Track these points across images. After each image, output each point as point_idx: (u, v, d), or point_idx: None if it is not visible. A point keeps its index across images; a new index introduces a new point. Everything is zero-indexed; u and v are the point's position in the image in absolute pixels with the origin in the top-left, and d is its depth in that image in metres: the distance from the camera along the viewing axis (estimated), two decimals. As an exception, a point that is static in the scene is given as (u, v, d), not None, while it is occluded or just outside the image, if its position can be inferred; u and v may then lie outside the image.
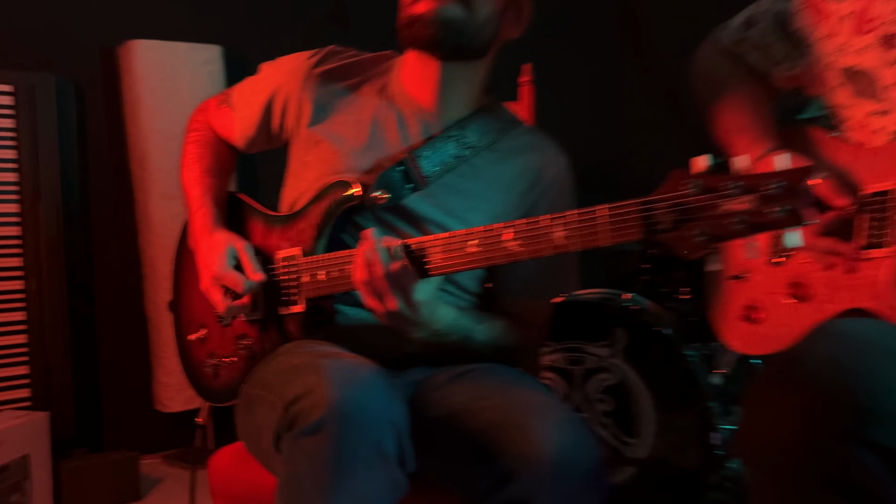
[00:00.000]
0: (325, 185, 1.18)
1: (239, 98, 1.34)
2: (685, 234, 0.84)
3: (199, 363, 1.31)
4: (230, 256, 1.19)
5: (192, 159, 1.34)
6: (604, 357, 1.91)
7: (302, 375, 0.96)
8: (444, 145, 1.18)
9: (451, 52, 1.16)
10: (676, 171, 0.87)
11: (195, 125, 1.39)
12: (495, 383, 1.11)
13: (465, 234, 1.01)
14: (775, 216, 0.79)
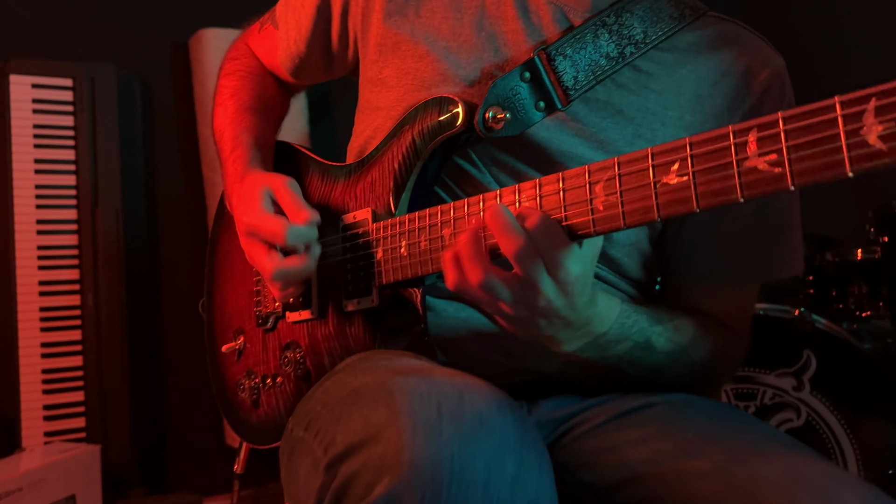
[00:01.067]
0: (409, 107, 0.76)
1: (283, 9, 0.96)
2: None
3: (235, 385, 0.92)
4: (267, 199, 0.80)
5: (226, 95, 0.97)
6: (786, 390, 1.41)
7: (363, 405, 0.54)
8: (593, 40, 0.74)
9: None
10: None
11: (233, 53, 1.03)
12: (707, 430, 0.67)
13: (661, 150, 0.57)
14: None
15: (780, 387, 1.42)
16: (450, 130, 0.73)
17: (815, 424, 1.39)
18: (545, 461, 0.53)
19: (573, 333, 0.67)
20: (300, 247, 0.76)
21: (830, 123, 0.48)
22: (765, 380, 1.43)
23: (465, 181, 0.78)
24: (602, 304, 0.68)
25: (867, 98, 0.46)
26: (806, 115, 0.49)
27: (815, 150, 0.48)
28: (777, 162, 0.50)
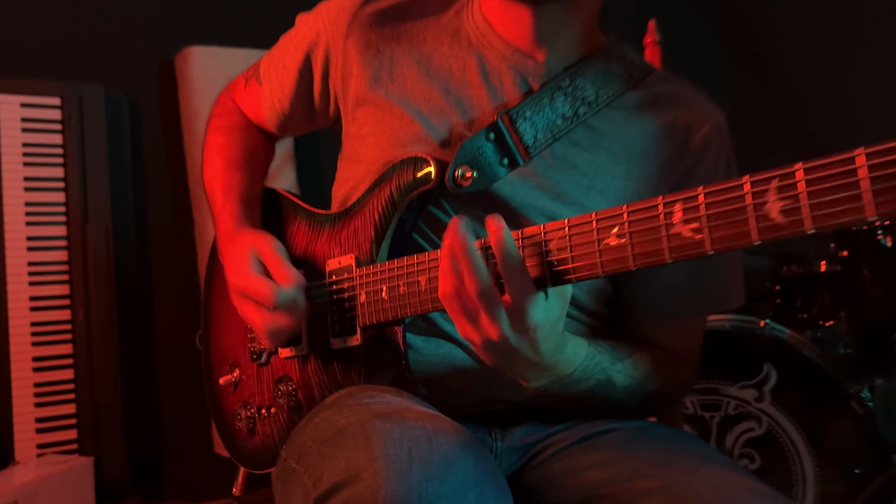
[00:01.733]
0: (386, 165, 0.84)
1: (268, 66, 1.03)
2: None
3: (231, 414, 0.99)
4: (255, 261, 0.86)
5: (214, 151, 1.03)
6: (748, 401, 1.50)
7: (345, 448, 0.62)
8: (550, 102, 0.82)
9: (554, 21, 0.84)
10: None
11: (219, 108, 1.09)
12: (655, 453, 0.75)
13: (603, 216, 0.65)
14: None
15: (742, 398, 1.51)
16: (423, 186, 0.81)
17: (775, 433, 1.48)
18: (503, 493, 0.61)
19: (538, 373, 0.75)
20: (286, 307, 0.84)
21: (741, 199, 0.56)
22: (728, 391, 1.52)
23: (440, 229, 0.85)
24: (570, 351, 0.76)
25: (770, 179, 0.55)
26: (722, 190, 0.58)
27: (729, 220, 0.57)
28: (698, 229, 0.58)
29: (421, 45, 0.89)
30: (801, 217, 0.52)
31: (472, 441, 0.63)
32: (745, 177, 0.56)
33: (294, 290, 0.83)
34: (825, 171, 0.52)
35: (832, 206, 0.51)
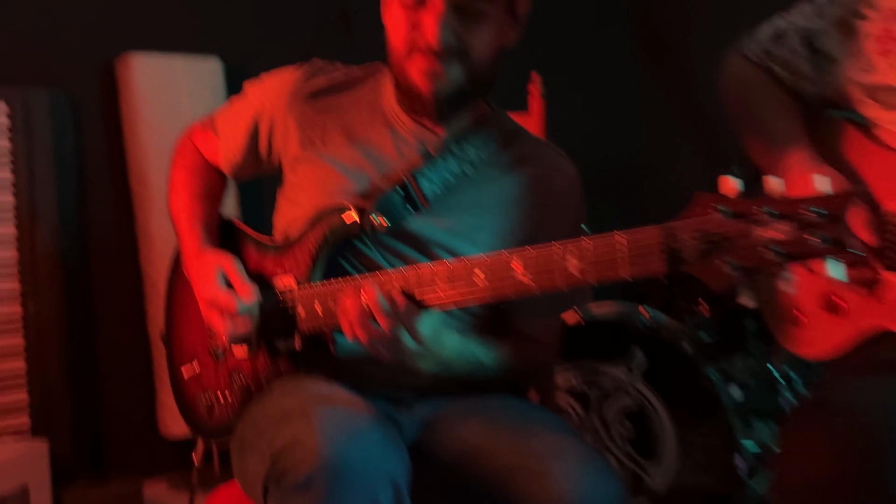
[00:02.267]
0: (320, 210, 1.10)
1: (223, 123, 1.27)
2: (714, 266, 0.76)
3: (193, 399, 1.23)
4: (220, 277, 1.12)
5: (179, 186, 1.27)
6: (621, 378, 1.82)
7: (291, 423, 0.88)
8: (444, 163, 1.10)
9: (449, 116, 1.11)
10: (703, 194, 0.79)
11: (181, 150, 1.32)
12: (512, 421, 1.03)
13: (471, 262, 0.93)
14: (816, 246, 0.71)
15: (617, 376, 1.83)
16: (348, 229, 1.08)
17: (644, 406, 1.81)
18: (401, 454, 0.90)
19: (427, 362, 1.03)
20: (244, 316, 1.09)
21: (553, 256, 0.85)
22: (606, 370, 1.84)
23: (362, 257, 1.12)
24: (447, 341, 1.04)
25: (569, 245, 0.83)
26: (542, 248, 0.86)
27: (549, 269, 0.86)
28: (524, 274, 0.87)
29: (346, 117, 1.15)
30: (587, 273, 0.82)
31: (380, 417, 0.91)
32: (553, 243, 0.85)
33: (252, 303, 1.08)
34: (600, 242, 0.81)
35: (607, 265, 0.80)
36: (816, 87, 1.16)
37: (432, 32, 1.01)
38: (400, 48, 1.07)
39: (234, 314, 1.08)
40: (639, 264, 0.81)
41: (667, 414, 1.77)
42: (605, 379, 1.84)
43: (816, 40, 1.14)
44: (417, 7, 1.02)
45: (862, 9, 1.07)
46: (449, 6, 1.00)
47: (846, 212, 0.71)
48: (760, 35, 1.22)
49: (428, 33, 1.01)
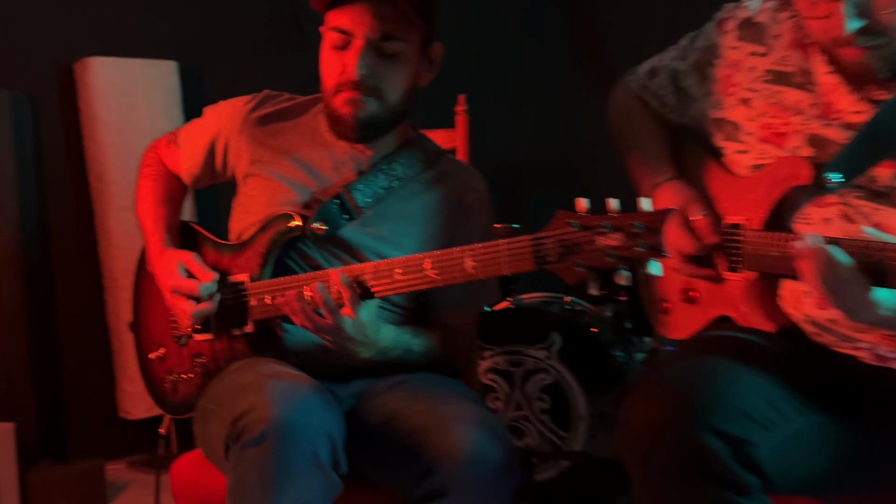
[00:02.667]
0: (269, 216, 1.30)
1: (185, 140, 1.46)
2: (568, 265, 1.00)
3: (160, 380, 1.42)
4: (181, 269, 1.31)
5: (146, 192, 1.46)
6: (541, 359, 2.06)
7: (248, 394, 1.09)
8: (374, 179, 1.32)
9: (371, 138, 1.33)
10: (562, 211, 1.03)
11: (147, 161, 1.51)
12: (427, 391, 1.26)
13: (392, 263, 1.15)
14: (638, 250, 0.95)
15: (537, 357, 2.07)
16: (294, 233, 1.29)
17: (560, 382, 2.05)
18: (337, 416, 1.12)
19: (367, 349, 1.24)
20: (207, 297, 1.29)
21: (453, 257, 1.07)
22: (528, 352, 2.07)
23: (305, 257, 1.33)
24: (383, 332, 1.26)
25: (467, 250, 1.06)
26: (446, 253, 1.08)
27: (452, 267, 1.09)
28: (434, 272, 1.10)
29: (290, 139, 1.37)
30: (479, 270, 1.04)
31: (321, 388, 1.13)
32: (455, 248, 1.07)
33: (212, 283, 1.29)
34: (488, 247, 1.04)
35: (493, 265, 1.03)
36: (680, 118, 1.39)
37: (352, 67, 1.23)
38: (330, 86, 1.28)
39: (198, 296, 1.28)
40: (515, 264, 1.04)
41: (580, 389, 2.01)
42: (527, 360, 2.08)
43: (680, 79, 1.36)
44: (344, 49, 1.23)
45: (712, 57, 1.30)
46: (368, 46, 1.22)
47: (662, 226, 0.96)
48: (640, 70, 1.45)
49: (349, 68, 1.23)
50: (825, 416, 1.08)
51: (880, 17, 1.00)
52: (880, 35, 1.02)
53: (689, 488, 0.97)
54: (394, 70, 1.26)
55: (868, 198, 1.09)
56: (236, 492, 1.04)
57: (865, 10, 1.00)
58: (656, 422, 0.98)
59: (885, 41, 1.02)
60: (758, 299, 1.18)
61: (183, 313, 1.30)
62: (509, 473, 1.13)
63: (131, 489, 2.47)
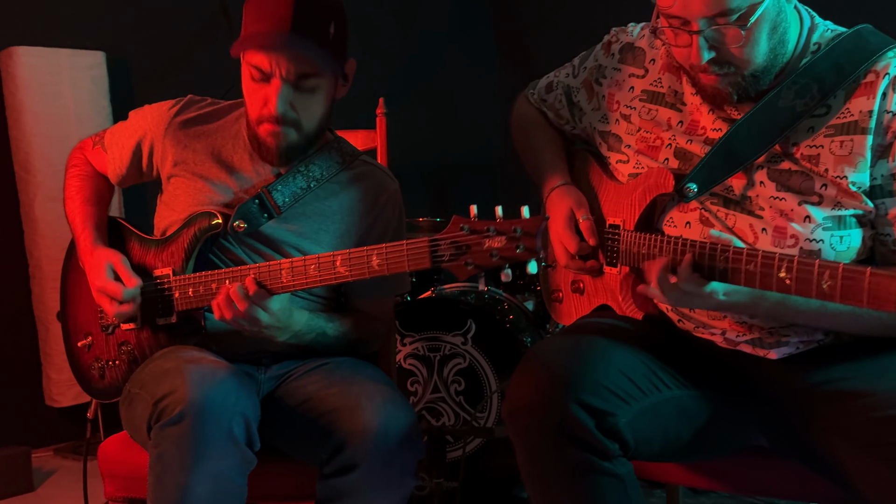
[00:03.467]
0: (191, 214, 1.40)
1: (111, 141, 1.53)
2: (460, 264, 1.14)
3: (87, 366, 1.50)
4: (109, 269, 1.40)
5: (73, 191, 1.53)
6: (458, 344, 2.21)
7: (168, 378, 1.20)
8: (293, 180, 1.42)
9: (293, 161, 1.43)
10: (457, 217, 1.17)
11: (74, 161, 1.58)
12: (341, 374, 1.38)
13: (307, 260, 1.27)
14: (517, 252, 1.10)
15: (454, 343, 2.21)
16: (214, 230, 1.39)
17: (474, 366, 2.20)
18: (253, 398, 1.24)
19: (281, 332, 1.35)
20: (129, 300, 1.38)
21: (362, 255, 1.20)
22: (445, 338, 2.21)
23: (227, 252, 1.43)
24: (296, 316, 1.37)
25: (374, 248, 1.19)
26: (358, 251, 1.21)
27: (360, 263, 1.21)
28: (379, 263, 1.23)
29: (214, 142, 1.46)
30: (384, 267, 1.17)
31: (238, 372, 1.24)
32: (365, 247, 1.20)
33: (135, 289, 1.38)
34: (392, 247, 1.17)
35: (397, 262, 1.16)
36: (573, 129, 1.54)
37: (273, 105, 1.32)
38: (253, 116, 1.37)
39: (121, 299, 1.36)
40: (414, 262, 1.18)
41: (491, 372, 2.17)
42: (445, 345, 2.22)
43: (573, 94, 1.51)
44: (263, 82, 1.33)
45: (599, 76, 1.45)
46: (285, 84, 1.32)
47: (537, 230, 1.11)
48: (539, 84, 1.60)
49: (270, 105, 1.33)
50: (682, 391, 1.25)
51: (730, 49, 1.16)
52: (730, 65, 1.18)
53: (560, 453, 1.12)
54: (311, 102, 1.36)
55: (723, 204, 1.25)
56: (157, 466, 1.15)
57: (717, 43, 1.16)
58: (532, 396, 1.14)
59: (734, 70, 1.19)
60: (630, 290, 1.34)
61: (106, 310, 1.40)
62: (412, 447, 1.26)
63: (58, 475, 2.51)
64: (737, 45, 1.15)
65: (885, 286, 0.94)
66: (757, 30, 1.14)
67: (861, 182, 1.15)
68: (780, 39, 1.18)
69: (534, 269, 1.14)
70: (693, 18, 1.14)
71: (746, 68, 1.17)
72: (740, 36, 1.13)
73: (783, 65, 1.20)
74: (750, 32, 1.13)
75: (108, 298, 1.38)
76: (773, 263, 1.06)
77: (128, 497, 1.39)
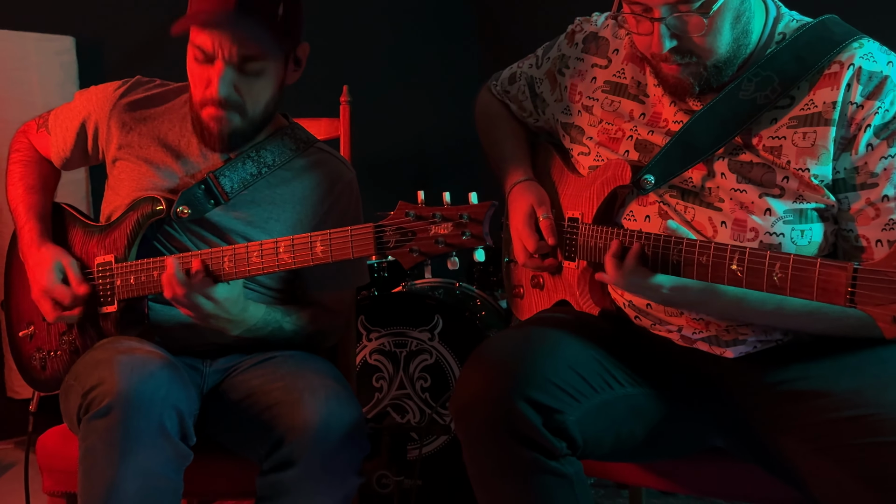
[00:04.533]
0: (135, 199, 1.34)
1: (55, 123, 1.48)
2: (405, 251, 1.10)
3: (29, 357, 1.45)
4: (58, 271, 1.34)
5: (16, 178, 1.47)
6: (424, 340, 2.16)
7: (99, 369, 1.15)
8: (242, 165, 1.37)
9: (237, 147, 1.38)
10: (403, 202, 1.12)
11: (17, 146, 1.52)
12: (288, 368, 1.33)
13: (249, 247, 1.22)
14: (464, 238, 1.06)
15: (421, 338, 2.16)
16: (157, 216, 1.34)
17: (441, 362, 2.16)
18: (188, 390, 1.19)
19: (234, 326, 1.31)
20: (74, 306, 1.33)
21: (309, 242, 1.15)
22: (412, 334, 2.16)
23: (171, 239, 1.38)
24: (252, 310, 1.32)
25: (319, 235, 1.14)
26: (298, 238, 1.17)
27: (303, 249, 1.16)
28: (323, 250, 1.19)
29: (160, 126, 1.40)
30: (328, 254, 1.13)
31: (173, 364, 1.19)
32: (310, 234, 1.16)
33: (84, 295, 1.33)
34: (336, 234, 1.12)
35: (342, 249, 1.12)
36: (536, 122, 1.51)
37: (214, 87, 1.27)
38: (196, 98, 1.32)
39: (68, 305, 1.32)
40: (359, 249, 1.14)
41: (458, 368, 2.13)
42: (411, 341, 2.18)
43: (536, 85, 1.47)
44: (206, 63, 1.28)
45: (562, 66, 1.41)
46: (228, 66, 1.26)
47: (484, 216, 1.07)
48: (502, 76, 1.56)
49: (212, 87, 1.27)
50: (636, 389, 1.21)
51: (692, 38, 1.12)
52: (692, 54, 1.14)
53: (506, 451, 1.08)
54: (255, 86, 1.31)
55: (681, 196, 1.22)
56: (85, 462, 1.10)
57: (679, 31, 1.12)
58: (478, 391, 1.10)
59: (696, 60, 1.15)
60: (587, 285, 1.30)
61: (46, 314, 1.35)
62: (356, 443, 1.22)
63: (16, 469, 2.45)
64: (699, 34, 1.11)
65: (836, 278, 0.90)
66: (719, 18, 1.10)
67: (823, 175, 1.12)
68: (744, 30, 1.14)
69: (481, 256, 1.11)
70: (655, 6, 1.10)
71: (709, 58, 1.14)
72: (703, 24, 1.10)
73: (747, 56, 1.17)
74: (712, 21, 1.10)
75: (51, 302, 1.33)
76: (725, 255, 1.03)
77: (66, 491, 1.34)
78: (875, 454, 0.99)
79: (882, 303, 0.84)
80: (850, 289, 0.89)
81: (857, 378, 1.09)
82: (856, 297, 0.89)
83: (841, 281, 0.90)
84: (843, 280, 0.90)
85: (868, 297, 0.86)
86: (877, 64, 1.11)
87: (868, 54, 1.11)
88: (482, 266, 2.66)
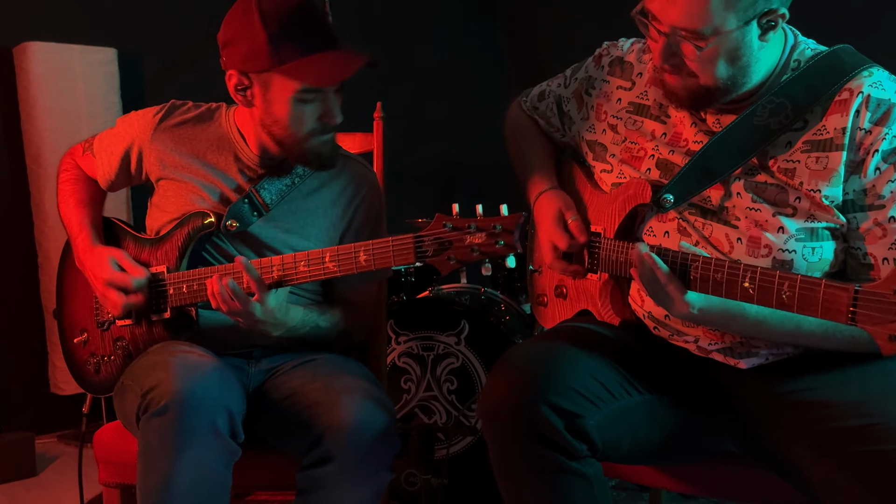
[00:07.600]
0: (185, 214, 1.45)
1: (99, 147, 1.58)
2: (442, 259, 1.20)
3: (83, 361, 1.56)
4: (114, 263, 1.45)
5: (67, 194, 1.58)
6: (451, 344, 2.25)
7: (156, 371, 1.25)
8: (278, 178, 1.48)
9: None
10: (440, 214, 1.23)
11: (65, 166, 1.63)
12: (326, 370, 1.43)
13: (297, 257, 1.34)
14: (497, 247, 1.15)
15: (447, 342, 2.25)
16: (207, 230, 1.44)
17: (467, 365, 2.24)
18: (237, 391, 1.29)
19: (277, 328, 1.41)
20: (137, 290, 1.43)
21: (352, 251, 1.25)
22: (439, 338, 2.25)
23: (220, 250, 1.49)
24: (292, 313, 1.42)
25: (360, 246, 1.25)
26: (345, 248, 1.26)
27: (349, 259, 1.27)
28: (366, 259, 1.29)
29: (199, 146, 1.51)
30: (371, 263, 1.24)
31: (223, 367, 1.30)
32: (353, 244, 1.27)
33: (144, 278, 1.44)
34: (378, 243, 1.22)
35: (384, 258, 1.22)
36: (563, 138, 1.58)
37: (334, 117, 1.40)
38: (300, 132, 1.40)
39: (131, 289, 1.42)
40: (400, 258, 1.24)
41: (483, 372, 2.21)
42: (438, 345, 2.26)
43: (563, 104, 1.55)
44: (314, 97, 1.37)
45: (588, 87, 1.49)
46: (337, 94, 1.40)
47: (515, 226, 1.16)
48: (532, 92, 1.63)
49: (330, 118, 1.40)
50: (653, 396, 1.28)
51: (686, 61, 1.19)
52: (690, 73, 1.21)
53: (529, 452, 1.17)
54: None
55: (700, 214, 1.29)
56: (144, 456, 1.20)
57: (677, 50, 1.19)
58: (504, 396, 1.18)
59: (693, 77, 1.21)
60: (609, 296, 1.38)
61: (113, 304, 1.45)
62: (388, 441, 1.31)
63: (60, 462, 2.57)
64: (691, 60, 1.19)
65: (838, 298, 0.97)
66: (711, 56, 1.17)
67: (834, 196, 1.18)
68: (743, 71, 1.20)
69: (512, 262, 1.21)
70: (664, 21, 1.17)
71: (704, 82, 1.21)
72: (695, 54, 1.17)
73: (762, 80, 1.23)
74: (706, 55, 1.17)
75: (116, 291, 1.43)
76: (738, 273, 1.10)
77: (121, 483, 1.45)
78: (877, 462, 1.05)
79: (880, 322, 0.91)
80: (851, 308, 0.96)
81: (862, 389, 1.16)
82: (857, 316, 0.95)
83: (843, 301, 0.97)
84: (846, 300, 0.96)
85: (867, 317, 0.93)
86: (885, 92, 1.17)
87: (877, 83, 1.17)
88: (507, 272, 2.74)
